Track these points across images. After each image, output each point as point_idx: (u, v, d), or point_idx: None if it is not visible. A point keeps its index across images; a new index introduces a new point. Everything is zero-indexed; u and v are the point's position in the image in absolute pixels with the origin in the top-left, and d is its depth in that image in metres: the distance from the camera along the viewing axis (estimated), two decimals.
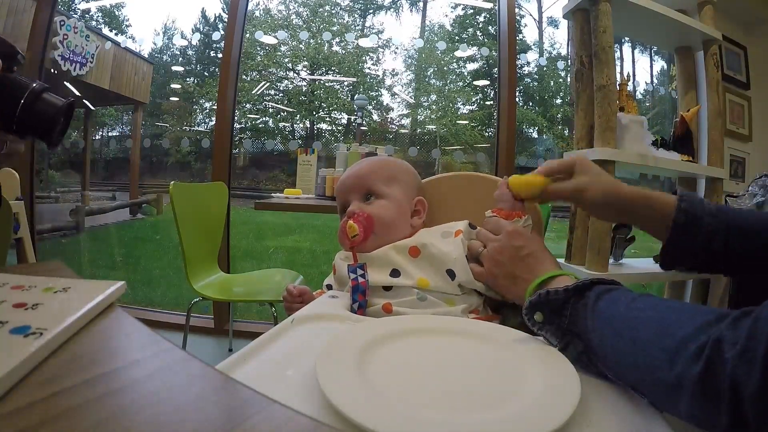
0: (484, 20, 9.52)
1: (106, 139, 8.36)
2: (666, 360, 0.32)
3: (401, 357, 0.41)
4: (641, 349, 0.34)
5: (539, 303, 0.43)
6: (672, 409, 0.32)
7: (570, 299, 0.42)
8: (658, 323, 0.34)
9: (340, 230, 0.64)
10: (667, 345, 0.32)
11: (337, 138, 9.73)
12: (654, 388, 0.33)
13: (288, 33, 9.46)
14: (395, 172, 0.70)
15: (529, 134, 9.37)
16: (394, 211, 0.66)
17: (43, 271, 0.43)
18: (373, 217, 0.63)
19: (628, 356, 0.35)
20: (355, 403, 0.30)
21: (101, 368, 0.26)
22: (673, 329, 0.33)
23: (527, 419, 0.31)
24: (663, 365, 0.32)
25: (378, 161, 0.72)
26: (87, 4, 7.09)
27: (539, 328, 0.43)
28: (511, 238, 0.54)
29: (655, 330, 0.34)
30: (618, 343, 0.36)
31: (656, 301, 0.38)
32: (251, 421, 0.21)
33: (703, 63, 1.72)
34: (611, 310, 0.39)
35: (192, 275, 1.39)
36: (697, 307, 0.35)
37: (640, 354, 0.34)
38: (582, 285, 0.43)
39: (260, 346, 0.43)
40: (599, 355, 0.39)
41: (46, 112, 0.48)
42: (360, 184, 0.67)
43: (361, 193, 0.67)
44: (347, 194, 0.68)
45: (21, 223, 1.82)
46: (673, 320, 0.34)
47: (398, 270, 0.60)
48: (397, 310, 0.57)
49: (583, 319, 0.40)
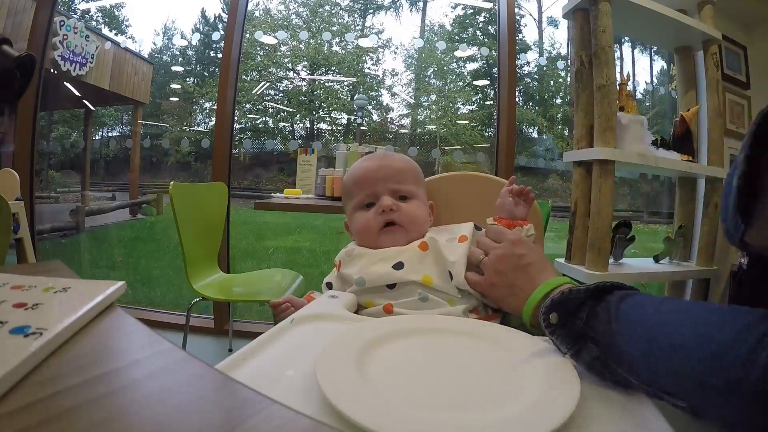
0: (484, 20, 9.52)
1: (106, 139, 8.36)
2: (712, 365, 0.30)
3: (401, 357, 0.41)
4: (680, 355, 0.32)
5: (559, 302, 0.41)
6: (719, 416, 0.31)
7: (588, 300, 0.40)
8: (695, 326, 0.33)
9: (367, 223, 0.64)
10: (712, 349, 0.31)
11: (337, 138, 9.73)
12: (698, 394, 0.31)
13: (288, 33, 9.46)
14: (419, 173, 0.71)
15: (529, 134, 9.37)
16: (423, 213, 0.67)
17: (43, 271, 0.43)
18: (408, 215, 0.64)
19: (664, 361, 0.33)
20: (355, 403, 0.30)
21: (101, 368, 0.26)
22: (712, 332, 0.32)
23: (527, 419, 0.31)
24: (708, 370, 0.30)
25: (404, 159, 0.71)
26: (87, 4, 7.10)
27: (552, 331, 0.41)
28: (514, 246, 0.53)
29: (693, 333, 0.32)
30: (651, 349, 0.34)
31: (686, 304, 0.37)
32: (251, 421, 0.20)
33: (702, 63, 1.73)
34: (638, 313, 0.37)
35: (192, 275, 1.40)
36: (731, 308, 0.34)
37: (679, 359, 0.32)
38: (602, 286, 0.41)
39: (260, 346, 0.43)
40: (624, 361, 0.36)
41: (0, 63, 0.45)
42: (394, 176, 0.67)
43: (393, 186, 0.66)
44: (376, 182, 0.66)
45: (21, 224, 1.82)
46: (712, 322, 0.33)
47: (403, 263, 0.59)
48: (398, 311, 0.57)
49: (604, 322, 0.38)
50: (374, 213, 0.65)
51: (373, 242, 0.65)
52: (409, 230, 0.64)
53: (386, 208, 0.63)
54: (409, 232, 0.64)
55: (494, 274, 0.53)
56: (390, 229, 0.64)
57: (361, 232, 0.66)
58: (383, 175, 0.66)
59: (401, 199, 0.66)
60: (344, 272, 0.63)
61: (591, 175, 1.42)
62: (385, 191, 0.66)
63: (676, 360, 0.33)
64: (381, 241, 0.64)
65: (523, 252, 0.53)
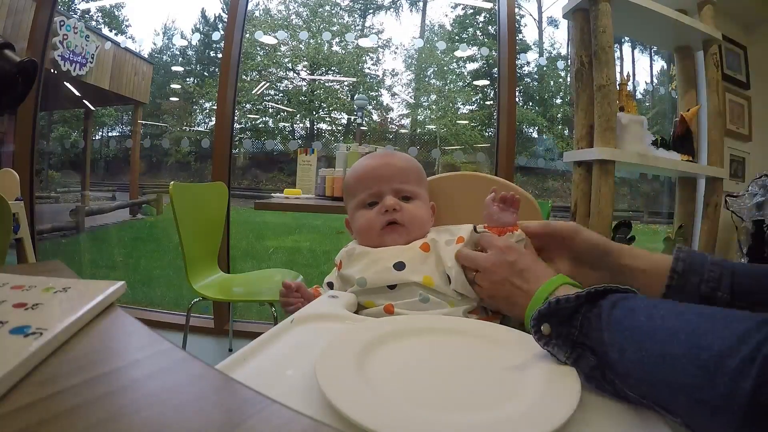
0: (484, 20, 9.53)
1: (106, 139, 8.37)
2: (705, 378, 0.28)
3: (401, 357, 0.41)
4: (673, 366, 0.30)
5: (548, 313, 0.39)
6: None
7: (581, 308, 0.38)
8: (689, 334, 0.31)
9: (369, 222, 0.65)
10: (705, 360, 0.28)
11: (337, 138, 9.73)
12: (692, 409, 0.29)
13: (288, 33, 9.46)
14: (422, 173, 0.71)
15: (529, 134, 9.38)
16: (426, 213, 0.68)
17: (43, 271, 0.43)
18: (411, 215, 0.64)
19: (657, 374, 0.31)
20: (355, 403, 0.30)
21: (101, 368, 0.26)
22: (707, 341, 0.29)
23: (527, 419, 0.30)
24: (702, 384, 0.28)
25: (407, 158, 0.71)
26: (87, 4, 7.10)
27: (545, 342, 0.39)
28: (504, 254, 0.53)
29: (687, 342, 0.30)
30: (643, 359, 0.32)
31: (681, 308, 0.34)
32: (251, 421, 0.20)
33: (703, 63, 1.73)
34: (630, 320, 0.35)
35: (192, 275, 1.40)
36: (728, 312, 0.32)
37: (672, 371, 0.30)
38: (594, 292, 0.39)
39: (260, 346, 0.43)
40: (619, 372, 0.34)
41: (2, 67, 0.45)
42: (397, 176, 0.66)
43: (396, 186, 0.66)
44: (380, 181, 0.66)
45: (21, 224, 1.82)
46: (705, 330, 0.30)
47: (404, 263, 0.59)
48: (399, 311, 0.57)
49: (597, 330, 0.36)
50: (377, 212, 0.65)
51: (375, 241, 0.65)
52: (411, 230, 0.64)
53: (389, 208, 0.63)
54: (410, 233, 0.64)
55: (491, 285, 0.53)
56: (392, 229, 0.64)
57: (363, 231, 0.66)
58: (387, 174, 0.66)
59: (404, 199, 0.66)
60: (345, 272, 0.63)
61: (591, 175, 1.42)
62: (389, 191, 0.65)
63: (668, 372, 0.31)
64: (383, 240, 0.64)
65: (514, 258, 0.52)
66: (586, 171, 1.45)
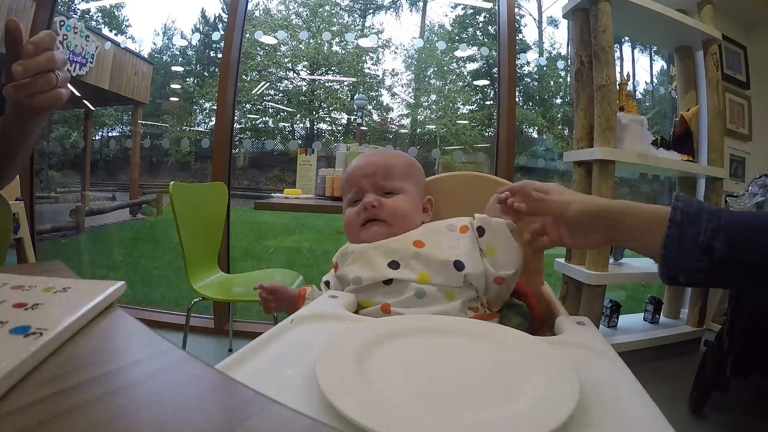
0: (484, 20, 9.52)
1: (106, 139, 8.35)
2: None
3: (401, 357, 0.41)
4: None
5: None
6: None
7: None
8: None
9: (349, 219, 0.66)
10: None
11: (337, 138, 9.72)
12: None
13: (288, 33, 9.46)
14: (410, 168, 0.72)
15: (529, 134, 9.37)
16: (410, 206, 0.68)
17: (43, 271, 0.43)
18: (391, 210, 0.65)
19: None
20: (355, 403, 0.30)
21: (101, 368, 0.26)
22: None
23: (527, 419, 0.31)
24: None
25: (395, 154, 0.73)
26: (87, 4, 7.09)
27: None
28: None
29: None
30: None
31: None
32: (251, 421, 0.20)
33: (702, 63, 1.73)
34: None
35: (192, 275, 1.40)
36: None
37: None
38: None
39: (260, 346, 0.43)
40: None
41: None
42: (379, 173, 0.68)
43: (377, 183, 0.67)
44: (362, 180, 0.68)
45: (21, 224, 1.82)
46: None
47: (398, 262, 0.60)
48: (396, 310, 0.57)
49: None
50: (356, 211, 0.67)
51: (355, 238, 0.67)
52: (392, 224, 0.65)
53: (367, 205, 0.65)
54: (391, 226, 0.65)
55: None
56: (370, 225, 0.66)
57: (345, 228, 0.69)
58: (369, 172, 0.68)
59: (386, 195, 0.67)
60: (341, 273, 0.64)
61: (591, 175, 1.42)
62: (369, 188, 0.67)
63: None
64: (362, 236, 0.66)
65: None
66: (586, 171, 1.46)
